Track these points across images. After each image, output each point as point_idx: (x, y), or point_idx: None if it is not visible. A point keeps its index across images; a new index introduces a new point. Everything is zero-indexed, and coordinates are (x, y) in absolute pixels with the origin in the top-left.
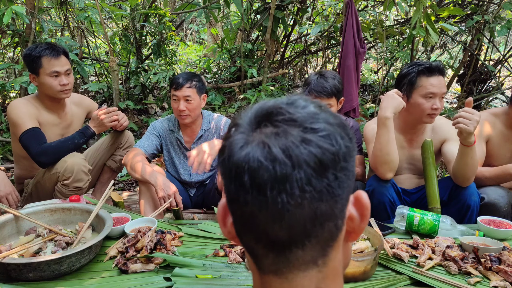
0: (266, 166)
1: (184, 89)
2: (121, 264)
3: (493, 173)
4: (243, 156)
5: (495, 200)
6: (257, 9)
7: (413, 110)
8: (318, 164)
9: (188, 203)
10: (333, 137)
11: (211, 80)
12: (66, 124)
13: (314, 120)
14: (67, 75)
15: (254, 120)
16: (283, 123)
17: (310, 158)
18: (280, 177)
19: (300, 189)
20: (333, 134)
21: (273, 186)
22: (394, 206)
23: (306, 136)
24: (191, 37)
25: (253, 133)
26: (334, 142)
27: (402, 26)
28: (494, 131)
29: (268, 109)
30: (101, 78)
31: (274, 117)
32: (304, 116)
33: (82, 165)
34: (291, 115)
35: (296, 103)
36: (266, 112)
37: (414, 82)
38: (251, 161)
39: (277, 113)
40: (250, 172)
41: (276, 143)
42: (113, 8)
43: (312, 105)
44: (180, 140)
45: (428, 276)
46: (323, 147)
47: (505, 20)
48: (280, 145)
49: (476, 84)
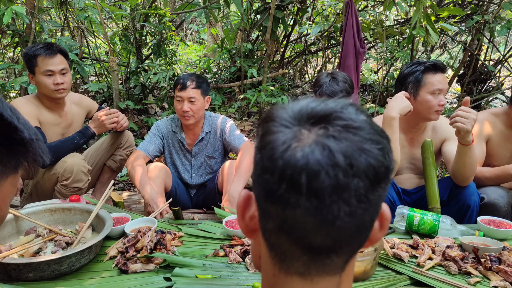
0: (327, 171)
1: (189, 90)
2: (121, 264)
3: (493, 173)
4: (301, 157)
5: (495, 200)
6: (257, 9)
7: (420, 108)
8: (375, 176)
9: (188, 203)
10: (385, 151)
11: (211, 80)
12: (67, 124)
13: (371, 131)
14: (63, 75)
15: (305, 118)
16: (343, 128)
17: (369, 169)
18: (341, 185)
19: (357, 199)
20: (386, 148)
21: (332, 193)
22: (394, 206)
23: (365, 146)
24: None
25: (304, 131)
26: (387, 156)
27: (402, 26)
28: (494, 131)
29: (324, 110)
30: (101, 78)
31: (333, 120)
32: (363, 125)
33: (81, 166)
34: (351, 122)
35: (349, 110)
36: (323, 113)
37: (420, 80)
38: (311, 163)
39: (337, 117)
40: (308, 175)
41: (338, 148)
42: (113, 8)
43: (363, 115)
44: (182, 142)
45: (428, 276)
46: (379, 159)
47: (505, 20)
48: (342, 151)
49: (476, 84)
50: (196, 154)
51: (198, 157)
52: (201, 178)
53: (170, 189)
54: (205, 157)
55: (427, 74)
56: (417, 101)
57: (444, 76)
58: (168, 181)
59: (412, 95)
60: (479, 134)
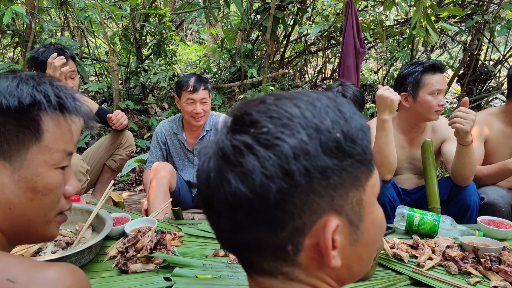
0: (203, 183)
1: (200, 91)
2: (121, 264)
3: (492, 170)
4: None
5: (495, 200)
6: (257, 9)
7: (420, 108)
8: (233, 205)
9: (189, 203)
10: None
11: (211, 80)
12: None
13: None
14: (71, 79)
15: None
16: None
17: (228, 196)
18: (209, 199)
19: (220, 216)
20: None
21: (207, 203)
22: (394, 206)
23: (224, 172)
24: (191, 37)
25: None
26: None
27: (402, 26)
28: (493, 131)
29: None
30: (101, 78)
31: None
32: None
33: (79, 166)
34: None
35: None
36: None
37: (419, 81)
38: (198, 173)
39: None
40: (198, 184)
41: (207, 165)
42: (113, 8)
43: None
44: (182, 142)
45: (428, 276)
46: (236, 187)
47: (505, 20)
48: (209, 168)
49: (476, 84)
50: (198, 153)
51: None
52: None
53: (174, 189)
54: None
55: (426, 74)
56: (416, 102)
57: (443, 76)
58: (173, 180)
59: (411, 96)
60: (478, 134)
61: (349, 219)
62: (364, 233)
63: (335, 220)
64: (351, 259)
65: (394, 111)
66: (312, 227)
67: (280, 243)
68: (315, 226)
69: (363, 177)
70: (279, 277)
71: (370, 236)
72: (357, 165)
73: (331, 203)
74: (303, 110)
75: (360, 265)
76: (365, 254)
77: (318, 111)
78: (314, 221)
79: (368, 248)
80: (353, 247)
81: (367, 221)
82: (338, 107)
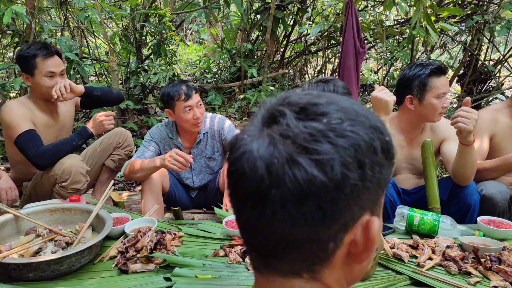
0: (248, 177)
1: (194, 96)
2: (121, 264)
3: (494, 164)
4: (232, 160)
5: (493, 194)
6: (257, 9)
7: (425, 111)
8: (299, 191)
9: (188, 204)
10: (325, 163)
11: (211, 80)
12: (60, 126)
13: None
14: (61, 76)
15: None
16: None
17: (292, 183)
18: (257, 193)
19: (271, 210)
20: (327, 160)
21: (246, 199)
22: (394, 206)
23: (296, 157)
24: (191, 37)
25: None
26: (327, 171)
27: (402, 26)
28: (499, 126)
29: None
30: (101, 78)
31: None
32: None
33: (80, 167)
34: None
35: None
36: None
37: (426, 84)
38: (236, 167)
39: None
40: (233, 179)
41: (261, 154)
42: (113, 8)
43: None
44: (179, 147)
45: (428, 276)
46: (310, 173)
47: (505, 20)
48: (264, 158)
49: (476, 84)
50: (196, 157)
51: (198, 160)
52: (202, 180)
53: (168, 190)
54: (205, 159)
55: (432, 77)
56: (422, 105)
57: (446, 79)
58: (165, 181)
59: (417, 99)
60: (483, 130)
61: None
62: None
63: (376, 218)
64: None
65: (390, 112)
66: (354, 225)
67: (326, 239)
68: (356, 223)
69: (388, 180)
70: (304, 276)
71: (378, 232)
72: (392, 168)
73: (373, 201)
74: (360, 110)
75: (369, 264)
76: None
77: (369, 113)
78: (357, 218)
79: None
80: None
81: (380, 219)
82: (371, 112)
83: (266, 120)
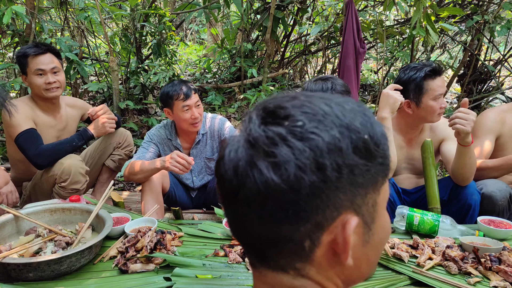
0: (228, 175)
1: (193, 96)
2: (121, 264)
3: (497, 163)
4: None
5: (492, 192)
6: (257, 9)
7: (423, 113)
8: (262, 193)
9: (188, 204)
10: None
11: (211, 80)
12: (62, 126)
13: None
14: (54, 73)
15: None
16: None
17: (256, 185)
18: (235, 192)
19: (248, 208)
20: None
21: (231, 196)
22: (394, 206)
23: (256, 161)
24: (191, 37)
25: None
26: (285, 174)
27: (402, 26)
28: (507, 126)
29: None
30: (101, 78)
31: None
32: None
33: (79, 167)
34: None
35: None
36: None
37: (422, 87)
38: (220, 166)
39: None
40: (219, 175)
41: (235, 155)
42: (113, 8)
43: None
44: (178, 148)
45: (428, 276)
46: (267, 176)
47: (505, 20)
48: (237, 159)
49: (476, 84)
50: (195, 158)
51: (197, 161)
52: (202, 180)
53: (169, 190)
54: (204, 160)
55: (427, 80)
56: (420, 108)
57: (442, 79)
58: (166, 181)
59: (414, 102)
60: (489, 130)
61: (364, 219)
62: (374, 234)
63: (355, 218)
64: (361, 260)
65: (395, 111)
66: (332, 224)
67: (300, 237)
68: (335, 223)
69: (380, 180)
70: (290, 272)
71: (379, 239)
72: (379, 167)
73: (352, 202)
74: (334, 110)
75: (368, 266)
76: (373, 256)
77: (348, 112)
78: (334, 218)
79: (377, 251)
80: (364, 248)
81: (378, 223)
82: (364, 112)
83: (243, 124)
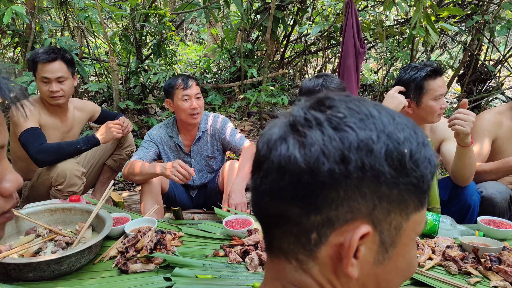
0: (257, 153)
1: (194, 86)
2: (121, 264)
3: (494, 167)
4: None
5: (492, 195)
6: (257, 9)
7: (423, 114)
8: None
9: (188, 203)
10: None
11: (211, 80)
12: (67, 129)
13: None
14: (59, 82)
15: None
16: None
17: (280, 168)
18: (260, 173)
19: (269, 196)
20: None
21: (255, 174)
22: None
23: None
24: (191, 37)
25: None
26: (314, 164)
27: (402, 26)
28: (502, 129)
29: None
30: (101, 78)
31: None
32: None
33: (74, 170)
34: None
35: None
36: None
37: (422, 87)
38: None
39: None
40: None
41: (265, 137)
42: (113, 8)
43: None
44: (179, 145)
45: (428, 276)
46: (296, 163)
47: (505, 20)
48: (266, 140)
49: (476, 84)
50: (195, 155)
51: (197, 158)
52: (202, 178)
53: (168, 190)
54: (205, 157)
55: (428, 80)
56: (420, 108)
57: (443, 79)
58: (165, 181)
59: (414, 102)
60: (485, 132)
61: (382, 237)
62: (391, 259)
63: (367, 228)
64: (368, 279)
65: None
66: (343, 225)
67: (308, 227)
68: (347, 225)
69: (411, 205)
70: (293, 262)
71: (397, 267)
72: (410, 188)
73: (371, 212)
74: (382, 116)
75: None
76: (383, 282)
77: (395, 122)
78: (347, 220)
79: (389, 278)
80: (375, 268)
81: (398, 249)
82: (415, 130)
83: (292, 107)
